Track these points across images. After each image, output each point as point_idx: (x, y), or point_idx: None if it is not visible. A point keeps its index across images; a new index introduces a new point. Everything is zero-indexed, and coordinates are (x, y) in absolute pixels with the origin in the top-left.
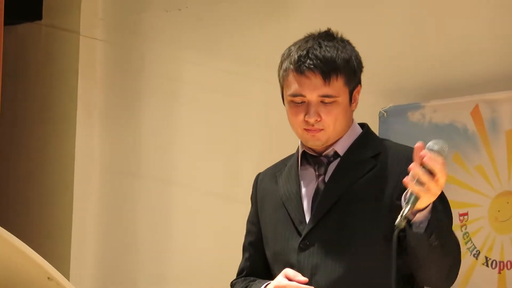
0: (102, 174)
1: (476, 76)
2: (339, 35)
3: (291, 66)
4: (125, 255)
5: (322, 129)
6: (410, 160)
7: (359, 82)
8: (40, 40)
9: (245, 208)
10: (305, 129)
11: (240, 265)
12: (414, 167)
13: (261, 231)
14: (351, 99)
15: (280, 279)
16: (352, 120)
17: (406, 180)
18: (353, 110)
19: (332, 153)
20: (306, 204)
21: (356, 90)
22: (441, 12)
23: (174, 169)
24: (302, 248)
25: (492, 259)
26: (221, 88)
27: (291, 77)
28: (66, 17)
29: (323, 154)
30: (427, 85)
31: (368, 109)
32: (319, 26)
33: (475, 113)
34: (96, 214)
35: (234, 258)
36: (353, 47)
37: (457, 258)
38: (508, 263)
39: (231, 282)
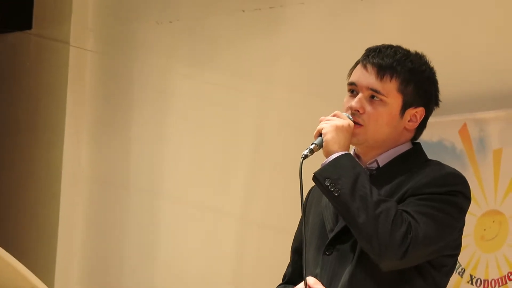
0: (90, 185)
1: (465, 95)
2: (427, 58)
3: (360, 59)
4: (111, 266)
5: (362, 125)
6: (435, 181)
7: (422, 105)
8: (29, 49)
9: (234, 221)
10: None
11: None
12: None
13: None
14: (404, 111)
15: (299, 285)
16: (407, 140)
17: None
18: (408, 129)
19: (375, 165)
20: None
21: (416, 110)
22: (430, 31)
23: (163, 182)
24: (325, 256)
25: (477, 277)
26: (211, 102)
27: (355, 69)
28: (56, 27)
29: (367, 164)
30: None
31: None
32: (311, 41)
33: (463, 131)
34: (83, 225)
35: (221, 271)
36: (432, 70)
37: (373, 217)
38: (493, 282)
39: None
